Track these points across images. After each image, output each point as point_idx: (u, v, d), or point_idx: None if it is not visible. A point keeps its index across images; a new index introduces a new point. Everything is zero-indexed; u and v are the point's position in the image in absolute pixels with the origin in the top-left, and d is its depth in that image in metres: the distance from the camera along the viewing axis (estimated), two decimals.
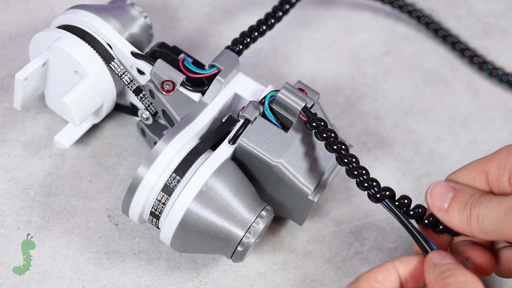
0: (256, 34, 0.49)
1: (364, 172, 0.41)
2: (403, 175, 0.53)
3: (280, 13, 0.51)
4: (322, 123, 0.43)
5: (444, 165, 0.54)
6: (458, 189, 0.40)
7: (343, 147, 0.42)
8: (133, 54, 0.47)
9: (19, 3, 0.58)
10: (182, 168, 0.42)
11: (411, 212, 0.41)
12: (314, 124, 0.43)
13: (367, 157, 0.54)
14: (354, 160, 0.42)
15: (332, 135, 0.43)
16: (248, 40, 0.49)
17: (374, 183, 0.41)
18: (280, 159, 0.43)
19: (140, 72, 0.48)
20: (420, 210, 0.41)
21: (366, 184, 0.41)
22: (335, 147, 0.42)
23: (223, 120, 0.46)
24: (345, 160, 0.42)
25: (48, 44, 0.47)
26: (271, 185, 0.45)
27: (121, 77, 0.47)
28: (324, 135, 0.43)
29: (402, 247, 0.49)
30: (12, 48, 0.55)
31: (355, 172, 0.42)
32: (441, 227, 0.41)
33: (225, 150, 0.44)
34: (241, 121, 0.45)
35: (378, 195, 0.41)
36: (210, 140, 0.45)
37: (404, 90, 0.58)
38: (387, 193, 0.41)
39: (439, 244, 0.42)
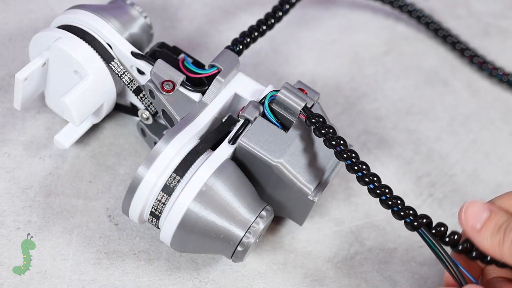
0: (256, 34, 0.49)
1: (376, 178, 0.41)
2: (403, 175, 0.53)
3: (280, 13, 0.51)
4: (321, 119, 0.43)
5: (444, 165, 0.54)
6: (493, 210, 0.39)
7: (342, 142, 0.42)
8: (133, 54, 0.47)
9: (19, 3, 0.58)
10: (182, 168, 0.42)
11: (447, 239, 0.40)
12: (313, 120, 0.43)
13: (367, 157, 0.54)
14: (378, 180, 0.42)
15: (331, 130, 0.42)
16: (248, 40, 0.49)
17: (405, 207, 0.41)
18: (280, 159, 0.43)
19: (140, 72, 0.48)
20: (455, 237, 0.40)
21: (390, 202, 0.41)
22: (333, 142, 0.42)
23: (223, 120, 0.46)
24: (355, 168, 0.42)
25: (48, 44, 0.47)
26: (271, 185, 0.45)
27: (121, 77, 0.47)
28: (323, 131, 0.42)
29: (402, 247, 0.49)
30: (12, 48, 0.55)
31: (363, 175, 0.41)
32: (474, 254, 0.40)
33: (225, 150, 0.44)
34: (241, 121, 0.45)
35: (415, 223, 0.40)
36: (210, 140, 0.45)
37: (404, 90, 0.58)
38: (424, 220, 0.40)
39: (471, 268, 0.42)
